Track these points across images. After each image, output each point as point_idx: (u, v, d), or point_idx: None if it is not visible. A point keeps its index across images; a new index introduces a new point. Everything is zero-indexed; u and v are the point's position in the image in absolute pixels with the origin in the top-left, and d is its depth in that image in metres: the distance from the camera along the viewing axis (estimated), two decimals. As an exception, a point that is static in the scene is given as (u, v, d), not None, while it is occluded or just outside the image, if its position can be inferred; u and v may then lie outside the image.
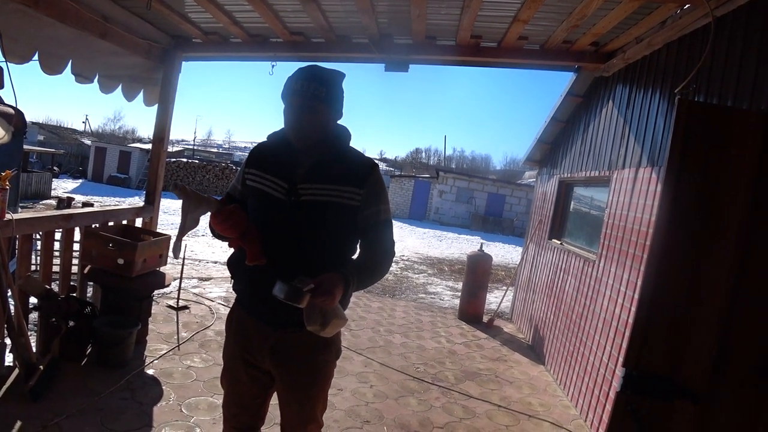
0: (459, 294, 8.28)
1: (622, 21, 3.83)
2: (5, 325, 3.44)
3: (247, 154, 2.20)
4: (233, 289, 2.16)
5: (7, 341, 3.53)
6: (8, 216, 3.52)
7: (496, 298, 8.98)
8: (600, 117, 5.40)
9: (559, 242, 6.29)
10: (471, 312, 7.44)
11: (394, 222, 2.21)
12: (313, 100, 1.91)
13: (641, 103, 4.33)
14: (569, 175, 6.25)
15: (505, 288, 9.68)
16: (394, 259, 2.15)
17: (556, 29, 4.16)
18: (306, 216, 1.95)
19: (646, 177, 3.95)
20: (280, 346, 2.02)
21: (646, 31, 3.95)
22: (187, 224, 1.87)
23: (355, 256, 2.10)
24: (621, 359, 3.08)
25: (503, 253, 18.83)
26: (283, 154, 2.03)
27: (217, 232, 1.92)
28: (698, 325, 1.85)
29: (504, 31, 4.32)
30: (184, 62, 5.49)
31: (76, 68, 4.41)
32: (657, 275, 1.86)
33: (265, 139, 2.15)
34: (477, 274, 7.47)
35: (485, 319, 7.43)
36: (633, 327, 1.88)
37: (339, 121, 2.08)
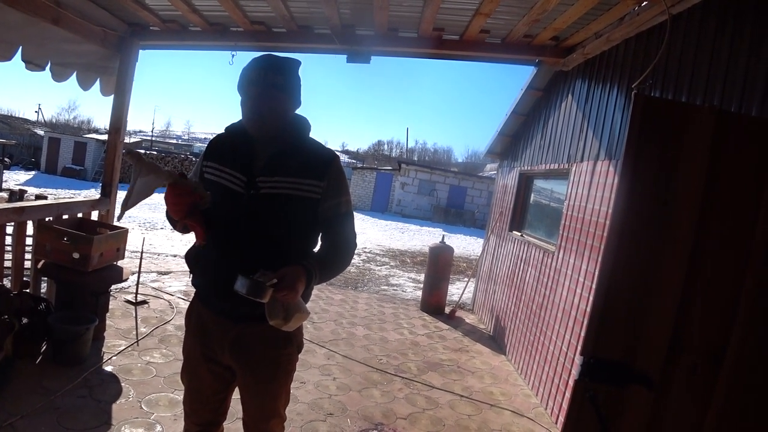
0: (421, 286, 8.34)
1: (582, 16, 3.90)
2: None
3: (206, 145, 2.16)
4: (192, 284, 2.12)
5: (-44, 339, 3.41)
6: (-45, 209, 3.39)
7: (458, 290, 9.07)
8: (560, 111, 5.49)
9: (519, 234, 6.39)
10: (433, 303, 7.51)
11: (356, 214, 2.21)
12: (272, 89, 1.88)
13: (599, 98, 4.42)
14: (529, 168, 6.35)
15: (466, 279, 9.79)
16: (357, 251, 2.14)
17: (518, 23, 4.20)
18: (265, 209, 1.92)
19: (603, 170, 4.04)
20: (240, 341, 2.00)
21: (605, 26, 4.03)
22: (135, 189, 1.81)
23: (316, 249, 2.08)
24: (579, 348, 3.15)
25: (465, 244, 19.03)
26: (242, 146, 2.00)
27: (168, 209, 1.87)
28: (654, 313, 1.91)
29: (466, 24, 4.35)
30: (141, 51, 5.36)
31: (27, 55, 4.25)
32: (613, 265, 1.91)
33: (223, 131, 2.12)
34: (439, 266, 7.54)
35: (447, 310, 7.52)
36: (590, 315, 1.92)
37: (298, 111, 2.06)
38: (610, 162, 3.94)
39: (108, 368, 4.02)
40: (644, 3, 3.43)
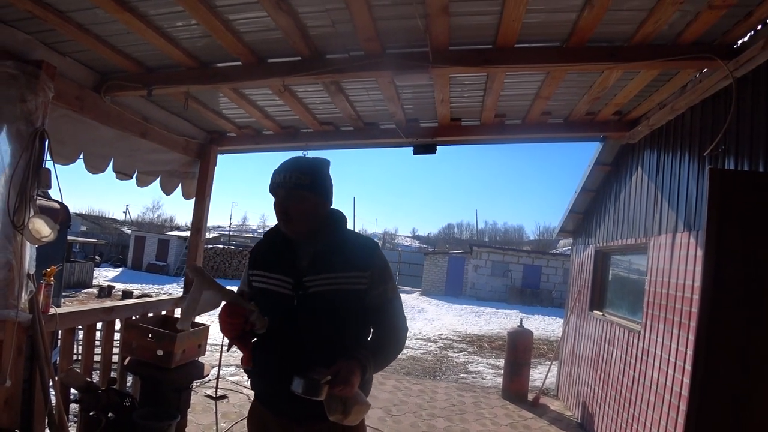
0: (501, 372, 8.04)
1: (643, 89, 3.89)
2: (46, 420, 3.46)
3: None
4: (251, 387, 2.15)
5: (48, 436, 3.54)
6: (52, 310, 3.61)
7: (540, 374, 8.66)
8: (631, 184, 5.38)
9: (600, 313, 6.12)
10: (515, 390, 7.19)
11: (430, 300, 2.21)
12: (296, 189, 1.95)
13: (671, 168, 4.31)
14: (605, 244, 6.17)
15: (548, 363, 9.36)
16: (433, 338, 2.12)
17: (578, 102, 4.23)
18: (315, 307, 1.96)
19: (684, 242, 3.87)
20: None
21: (668, 96, 4.00)
22: (201, 302, 1.91)
23: (368, 337, 2.09)
24: (677, 436, 2.90)
25: (544, 325, 18.29)
26: (283, 249, 2.06)
27: (220, 326, 1.94)
28: (758, 398, 1.76)
29: (527, 108, 4.42)
30: (219, 155, 5.72)
31: (117, 166, 4.62)
32: (707, 352, 1.79)
33: (262, 238, 2.20)
34: (518, 351, 7.27)
35: (530, 397, 7.16)
36: (687, 408, 1.79)
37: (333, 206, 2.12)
38: (690, 233, 3.78)
39: (189, 466, 4.03)
40: (705, 70, 3.39)
